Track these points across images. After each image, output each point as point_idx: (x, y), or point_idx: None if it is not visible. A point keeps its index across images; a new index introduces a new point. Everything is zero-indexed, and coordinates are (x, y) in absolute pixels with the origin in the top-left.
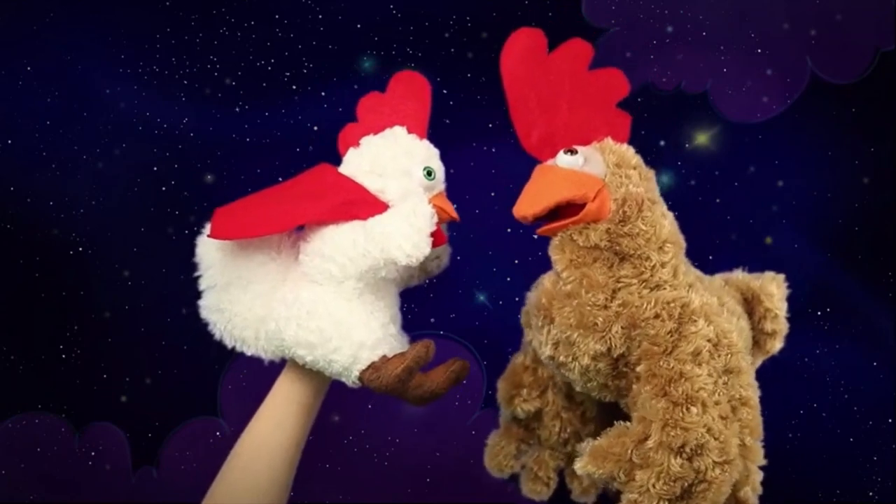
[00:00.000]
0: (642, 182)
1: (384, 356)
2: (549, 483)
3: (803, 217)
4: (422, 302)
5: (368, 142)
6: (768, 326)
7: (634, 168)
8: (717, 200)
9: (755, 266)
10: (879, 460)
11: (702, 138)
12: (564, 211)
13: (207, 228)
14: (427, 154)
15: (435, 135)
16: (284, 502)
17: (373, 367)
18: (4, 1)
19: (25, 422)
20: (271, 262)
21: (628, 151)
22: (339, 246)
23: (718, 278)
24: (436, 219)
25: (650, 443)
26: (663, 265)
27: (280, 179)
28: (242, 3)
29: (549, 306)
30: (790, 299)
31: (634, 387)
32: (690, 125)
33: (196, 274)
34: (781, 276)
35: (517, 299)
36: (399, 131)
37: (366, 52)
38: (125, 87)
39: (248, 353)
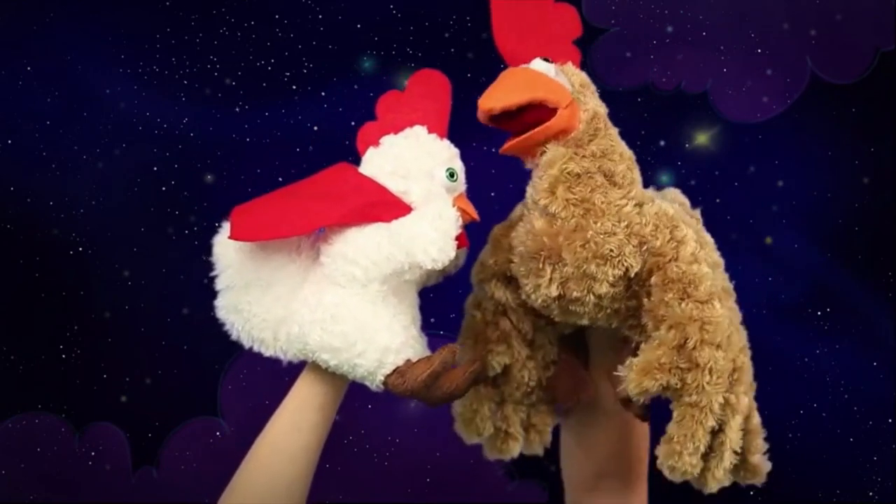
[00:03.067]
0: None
1: (409, 360)
2: (519, 437)
3: (803, 217)
4: (422, 302)
5: (390, 142)
6: None
7: (593, 92)
8: (717, 200)
9: (755, 266)
10: (879, 460)
11: (702, 138)
12: (528, 125)
13: (225, 228)
14: (449, 155)
15: None
16: (304, 503)
17: (398, 371)
18: (4, 1)
19: (25, 422)
20: (291, 263)
21: (587, 76)
22: (362, 249)
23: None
24: (460, 221)
25: (691, 343)
26: (634, 182)
27: (280, 180)
28: (242, 3)
29: (556, 245)
30: (790, 299)
31: (647, 301)
32: (690, 125)
33: (213, 273)
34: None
35: None
36: (420, 131)
37: (366, 52)
38: (125, 87)
39: (267, 353)
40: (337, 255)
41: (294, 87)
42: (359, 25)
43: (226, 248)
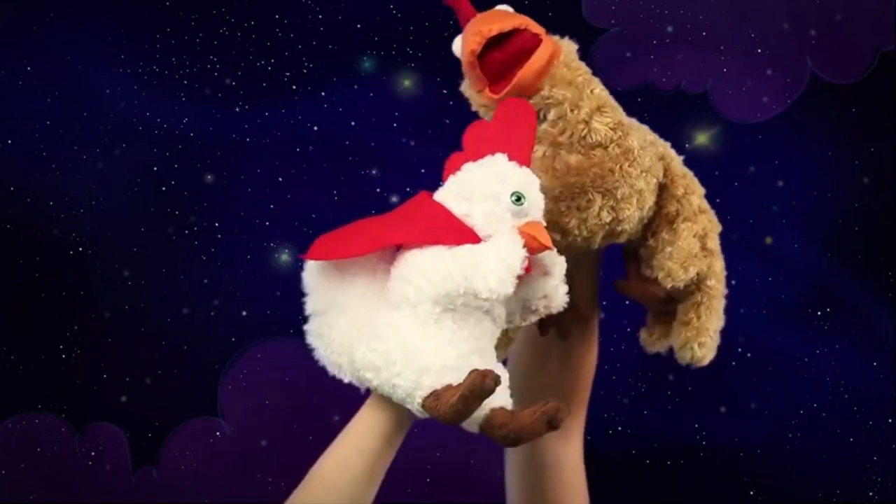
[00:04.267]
0: None
1: (449, 385)
2: None
3: (803, 217)
4: None
5: (466, 168)
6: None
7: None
8: (717, 200)
9: (755, 266)
10: (879, 460)
11: (702, 138)
12: (512, 60)
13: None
14: (521, 180)
15: (435, 135)
16: None
17: (434, 394)
18: (4, 1)
19: (25, 422)
20: (367, 288)
21: None
22: (419, 267)
23: None
24: (525, 254)
25: (703, 232)
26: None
27: (280, 180)
28: (242, 3)
29: (603, 172)
30: (790, 299)
31: (663, 201)
32: (690, 125)
33: (302, 300)
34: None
35: None
36: (498, 158)
37: (366, 52)
38: (125, 87)
39: (346, 380)
40: (396, 275)
41: (294, 87)
42: (359, 25)
43: (311, 274)
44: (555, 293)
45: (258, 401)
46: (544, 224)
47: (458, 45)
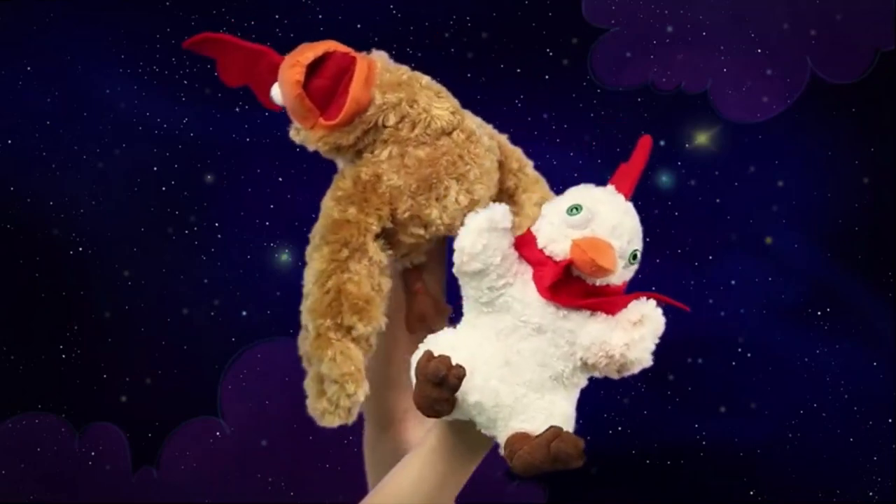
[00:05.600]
0: None
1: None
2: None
3: (803, 217)
4: None
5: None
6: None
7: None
8: (717, 200)
9: (755, 266)
10: (879, 460)
11: (702, 138)
12: (333, 83)
13: None
14: (594, 196)
15: None
16: None
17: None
18: (4, 1)
19: (25, 422)
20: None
21: None
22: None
23: None
24: (502, 213)
25: (544, 198)
26: None
27: (280, 180)
28: (242, 3)
29: (455, 158)
30: (790, 299)
31: (502, 176)
32: (690, 125)
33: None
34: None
35: None
36: (597, 188)
37: (366, 52)
38: (125, 87)
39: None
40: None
41: None
42: (359, 25)
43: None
44: (637, 347)
45: (258, 401)
46: (612, 247)
47: (276, 92)
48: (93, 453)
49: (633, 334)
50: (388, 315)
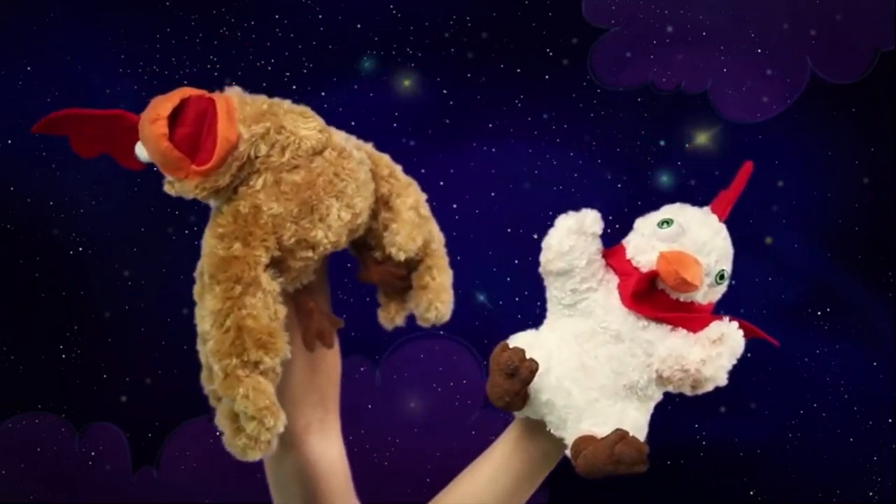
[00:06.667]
0: None
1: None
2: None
3: (803, 217)
4: None
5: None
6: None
7: None
8: None
9: (755, 266)
10: (879, 460)
11: (702, 138)
12: (196, 128)
13: None
14: (687, 213)
15: (435, 135)
16: None
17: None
18: (4, 1)
19: (25, 422)
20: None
21: None
22: None
23: None
24: (590, 216)
25: (417, 200)
26: None
27: None
28: (242, 3)
29: (330, 176)
30: (790, 299)
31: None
32: (690, 125)
33: None
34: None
35: (517, 299)
36: (693, 207)
37: (366, 52)
38: (125, 87)
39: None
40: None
41: (294, 87)
42: (359, 25)
43: None
44: (713, 364)
45: None
46: (699, 263)
47: (140, 150)
48: (93, 453)
49: (711, 351)
50: None
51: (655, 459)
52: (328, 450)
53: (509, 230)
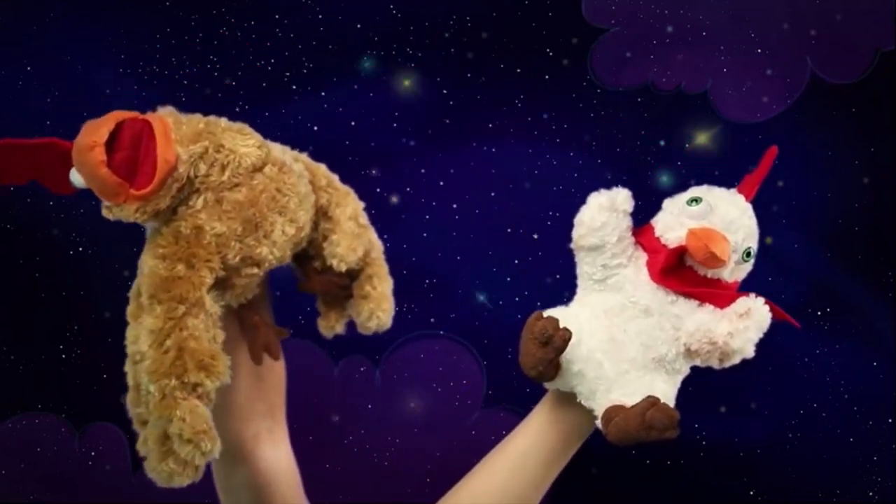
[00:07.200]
0: None
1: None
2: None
3: (803, 217)
4: (422, 302)
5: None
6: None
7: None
8: None
9: (755, 266)
10: (879, 460)
11: (702, 138)
12: (135, 149)
13: None
14: (715, 193)
15: (435, 135)
16: None
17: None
18: (4, 1)
19: (25, 422)
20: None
21: None
22: None
23: None
24: (618, 194)
25: (356, 210)
26: None
27: None
28: (242, 3)
29: (271, 191)
30: (790, 299)
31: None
32: (690, 125)
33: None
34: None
35: (517, 299)
36: (720, 188)
37: (366, 52)
38: (125, 87)
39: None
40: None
41: (294, 87)
42: (359, 25)
43: None
44: (741, 336)
45: None
46: (727, 239)
47: (75, 177)
48: (93, 453)
49: (738, 325)
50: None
51: (655, 459)
52: (278, 458)
53: (509, 230)
